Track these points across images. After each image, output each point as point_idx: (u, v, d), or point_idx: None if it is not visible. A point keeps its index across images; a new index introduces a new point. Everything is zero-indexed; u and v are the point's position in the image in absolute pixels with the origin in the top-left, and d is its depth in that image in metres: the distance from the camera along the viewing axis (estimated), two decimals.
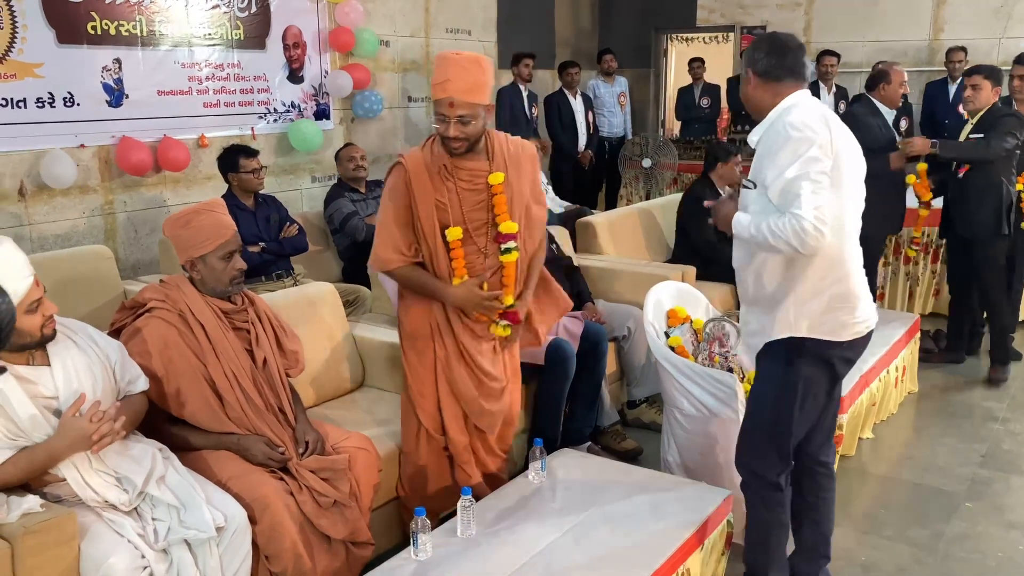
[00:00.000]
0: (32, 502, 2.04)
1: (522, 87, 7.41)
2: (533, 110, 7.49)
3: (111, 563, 2.05)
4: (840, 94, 7.66)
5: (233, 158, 4.68)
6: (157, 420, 2.58)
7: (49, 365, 2.26)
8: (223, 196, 4.73)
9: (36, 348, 2.24)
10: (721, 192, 5.20)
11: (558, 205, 6.34)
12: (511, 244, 2.85)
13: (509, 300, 2.91)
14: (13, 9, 4.63)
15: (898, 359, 4.30)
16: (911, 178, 4.89)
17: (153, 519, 2.17)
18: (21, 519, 2.00)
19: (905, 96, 7.27)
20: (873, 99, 4.96)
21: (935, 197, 4.98)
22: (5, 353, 2.21)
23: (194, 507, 2.26)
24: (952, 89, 7.32)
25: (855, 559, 3.15)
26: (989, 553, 3.18)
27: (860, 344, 2.54)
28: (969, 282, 4.97)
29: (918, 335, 4.66)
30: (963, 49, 7.36)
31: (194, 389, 2.58)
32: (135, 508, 2.18)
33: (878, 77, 4.97)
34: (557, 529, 2.56)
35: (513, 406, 3.04)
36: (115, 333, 2.65)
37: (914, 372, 4.66)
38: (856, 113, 5.01)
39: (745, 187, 2.51)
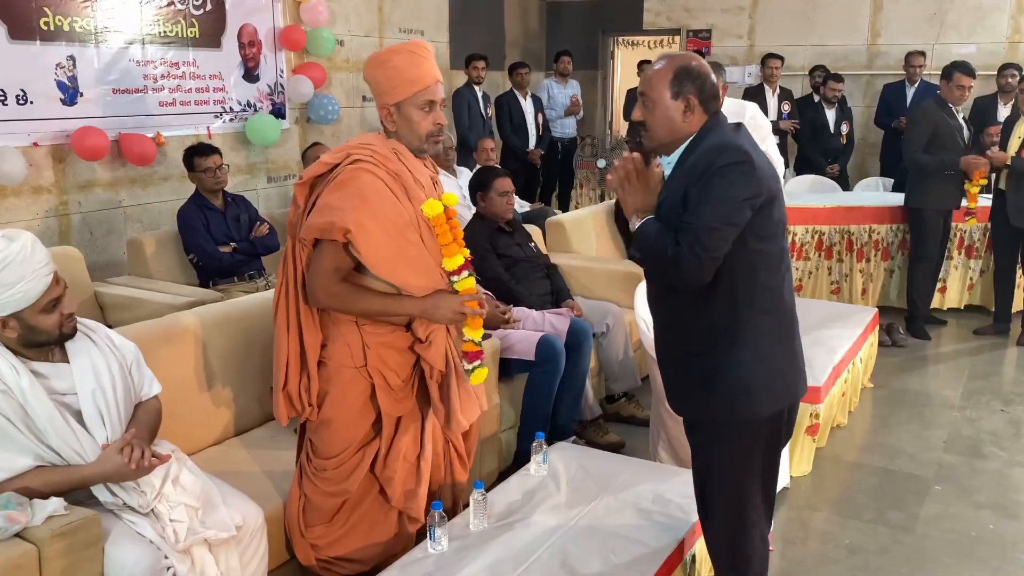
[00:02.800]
0: (56, 504, 1.98)
1: (477, 88, 7.43)
2: (488, 111, 7.52)
3: (137, 563, 2.00)
4: (784, 95, 7.87)
5: (189, 158, 4.64)
6: (331, 284, 2.39)
7: (68, 362, 2.20)
8: (192, 196, 4.66)
9: (55, 345, 2.18)
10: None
11: (520, 205, 6.38)
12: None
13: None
14: None
15: (862, 351, 4.46)
16: (972, 188, 5.47)
17: (171, 520, 2.14)
18: (46, 522, 1.94)
19: (844, 99, 7.56)
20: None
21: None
22: (24, 350, 2.15)
23: (212, 507, 2.22)
24: (911, 93, 7.54)
25: (840, 542, 3.26)
26: (963, 532, 3.33)
27: None
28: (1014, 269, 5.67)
29: (877, 327, 4.84)
30: (923, 54, 7.59)
31: (406, 245, 2.41)
32: (152, 509, 2.14)
33: (942, 75, 5.53)
34: (567, 519, 2.59)
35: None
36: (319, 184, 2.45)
37: (871, 364, 4.83)
38: (925, 106, 5.60)
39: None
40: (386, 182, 2.38)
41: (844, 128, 7.61)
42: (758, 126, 4.42)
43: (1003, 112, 6.74)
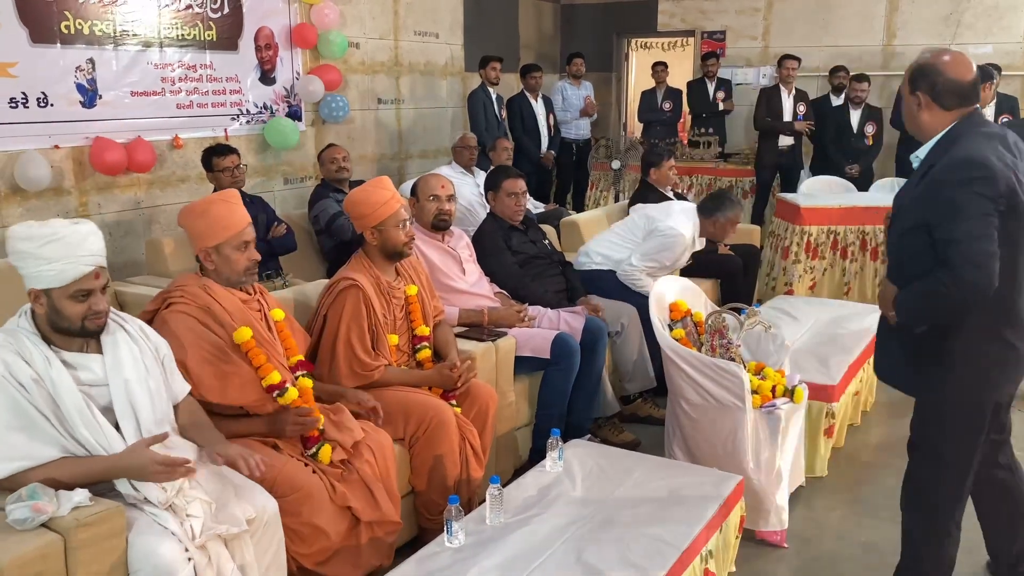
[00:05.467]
0: (81, 496, 2.01)
1: (491, 90, 7.46)
2: (502, 112, 7.54)
3: (160, 554, 2.03)
4: (799, 96, 7.87)
5: (207, 158, 4.71)
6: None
7: (101, 353, 2.24)
8: None
9: (79, 336, 2.22)
10: (664, 193, 5.43)
11: (534, 206, 6.41)
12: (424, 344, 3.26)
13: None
14: None
15: None
16: None
17: (188, 515, 2.16)
18: (72, 512, 1.97)
19: (862, 99, 7.53)
20: None
21: None
22: (57, 337, 2.20)
23: (224, 503, 2.25)
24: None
25: (855, 540, 3.26)
26: (979, 531, 3.32)
27: None
28: None
29: None
30: None
31: (230, 370, 2.61)
32: (170, 504, 2.17)
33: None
34: (582, 514, 2.60)
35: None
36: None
37: None
38: None
39: None
40: (197, 316, 2.61)
41: (870, 129, 7.57)
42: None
43: (988, 112, 6.72)
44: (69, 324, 2.18)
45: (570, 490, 2.77)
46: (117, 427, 2.21)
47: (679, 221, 4.41)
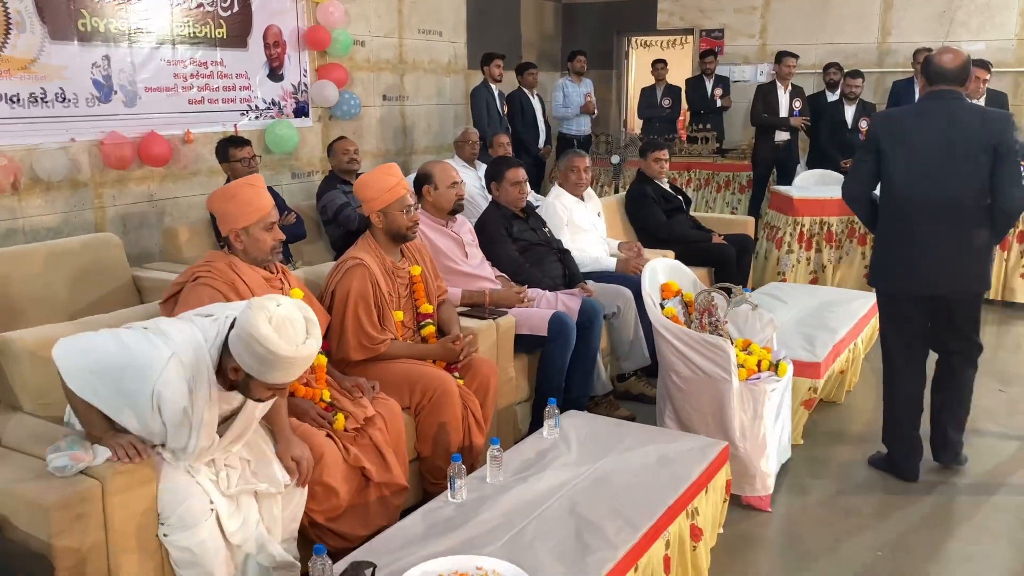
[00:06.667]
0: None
1: (493, 86, 7.64)
2: (504, 108, 7.74)
3: (188, 505, 2.22)
4: (795, 92, 8.03)
5: (224, 149, 4.87)
6: None
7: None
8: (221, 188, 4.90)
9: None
10: (659, 183, 5.67)
11: (534, 198, 6.58)
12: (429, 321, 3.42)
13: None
14: (7, 5, 4.71)
15: (863, 332, 4.63)
16: None
17: (225, 465, 2.34)
18: (107, 462, 2.16)
19: (856, 95, 7.70)
20: None
21: None
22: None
23: (266, 462, 2.43)
24: (918, 88, 7.68)
25: (835, 505, 3.46)
26: (954, 497, 3.54)
27: None
28: None
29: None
30: (929, 50, 7.73)
31: None
32: (212, 459, 2.34)
33: None
34: (576, 475, 2.78)
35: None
36: (170, 301, 2.82)
37: (870, 344, 4.99)
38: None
39: None
40: (222, 291, 2.76)
41: (864, 124, 7.73)
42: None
43: None
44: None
45: (565, 453, 2.95)
46: None
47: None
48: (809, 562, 3.08)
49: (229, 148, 4.85)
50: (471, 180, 6.11)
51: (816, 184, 7.05)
